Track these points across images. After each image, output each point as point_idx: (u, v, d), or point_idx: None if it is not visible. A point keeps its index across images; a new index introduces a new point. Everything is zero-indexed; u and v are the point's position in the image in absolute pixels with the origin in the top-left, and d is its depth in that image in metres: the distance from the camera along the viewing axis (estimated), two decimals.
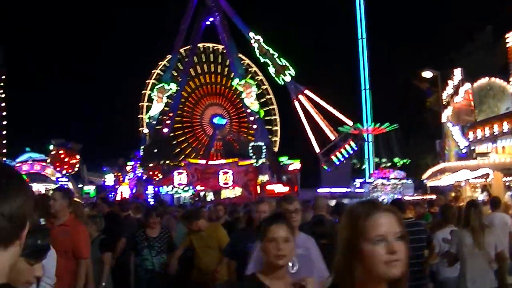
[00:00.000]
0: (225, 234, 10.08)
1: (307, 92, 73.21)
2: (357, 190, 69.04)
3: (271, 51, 73.73)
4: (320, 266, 5.97)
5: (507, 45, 29.89)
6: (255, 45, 74.35)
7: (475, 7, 62.50)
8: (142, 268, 10.37)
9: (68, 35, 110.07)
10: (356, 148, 69.95)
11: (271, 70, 73.91)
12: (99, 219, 11.01)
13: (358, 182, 71.53)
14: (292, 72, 73.15)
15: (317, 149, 72.72)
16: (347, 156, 70.10)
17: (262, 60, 74.44)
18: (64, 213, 7.83)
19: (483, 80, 36.28)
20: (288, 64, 73.17)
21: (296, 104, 73.29)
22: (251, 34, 74.27)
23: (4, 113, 64.09)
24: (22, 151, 63.65)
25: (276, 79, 74.09)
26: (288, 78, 73.59)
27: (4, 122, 63.92)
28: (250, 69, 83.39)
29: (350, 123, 71.58)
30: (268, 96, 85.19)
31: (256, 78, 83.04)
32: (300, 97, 73.17)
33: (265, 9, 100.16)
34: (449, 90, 38.97)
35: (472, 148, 30.72)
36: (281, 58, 73.48)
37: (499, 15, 44.86)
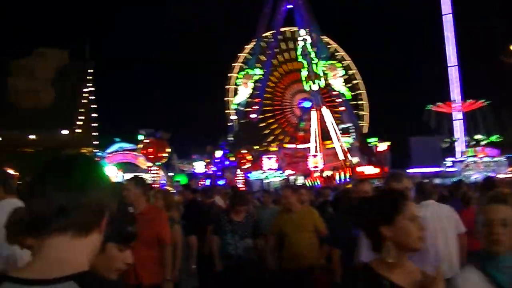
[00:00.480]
0: (320, 218, 9.48)
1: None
2: (449, 169, 67.52)
3: (312, 55, 73.53)
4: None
5: None
6: (301, 43, 73.99)
7: None
8: (224, 252, 9.87)
9: (146, 23, 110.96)
10: None
11: (304, 73, 74.09)
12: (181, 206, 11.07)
13: (449, 161, 70.01)
14: (322, 83, 72.69)
15: None
16: None
17: (300, 59, 74.08)
18: (140, 202, 7.66)
19: None
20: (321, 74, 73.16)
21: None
22: (302, 31, 73.66)
23: (94, 106, 65.45)
24: (112, 142, 64.92)
25: (304, 83, 73.24)
26: (315, 87, 73.75)
27: (94, 115, 65.27)
28: (336, 54, 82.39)
29: None
30: (356, 81, 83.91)
31: (343, 62, 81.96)
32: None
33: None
34: None
35: None
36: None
37: None
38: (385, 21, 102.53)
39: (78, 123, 60.79)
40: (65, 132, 58.06)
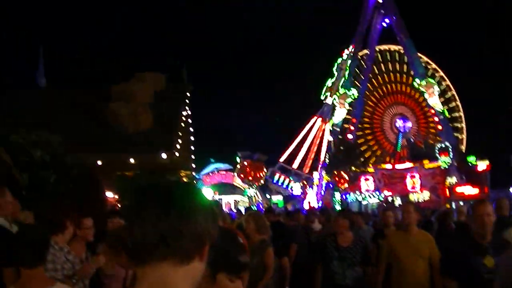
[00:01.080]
0: (436, 245, 8.34)
1: None
2: None
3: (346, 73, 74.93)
4: None
5: None
6: (344, 56, 74.81)
7: None
8: (330, 283, 8.93)
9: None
10: None
11: (329, 82, 75.03)
12: None
13: None
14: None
15: None
16: None
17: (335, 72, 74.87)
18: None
19: None
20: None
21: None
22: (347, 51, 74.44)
23: (191, 129, 66.68)
24: (208, 163, 65.89)
25: (322, 94, 74.47)
26: (329, 100, 75.08)
27: (192, 138, 66.49)
28: (429, 67, 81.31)
29: None
30: (451, 93, 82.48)
31: (436, 75, 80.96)
32: None
33: None
34: None
35: None
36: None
37: None
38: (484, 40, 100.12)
39: (176, 146, 62.08)
40: (164, 155, 59.38)
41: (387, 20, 77.99)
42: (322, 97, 76.76)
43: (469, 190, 61.69)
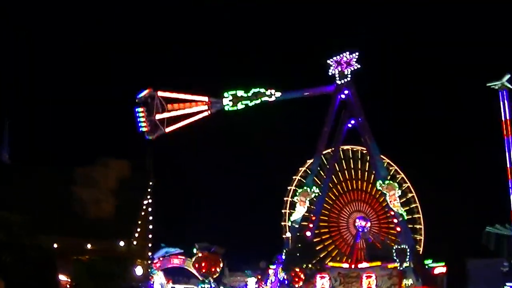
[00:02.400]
0: None
1: None
2: None
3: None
4: None
5: None
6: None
7: None
8: None
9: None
10: None
11: None
12: None
13: (508, 286, 68.32)
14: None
15: None
16: None
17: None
18: None
19: None
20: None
21: None
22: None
23: (151, 218, 66.54)
24: (159, 248, 65.42)
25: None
26: None
27: (150, 227, 66.26)
28: (390, 168, 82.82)
29: None
30: (411, 194, 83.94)
31: (397, 176, 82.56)
32: None
33: None
34: None
35: None
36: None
37: None
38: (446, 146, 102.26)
39: (135, 235, 61.81)
40: (122, 243, 59.02)
41: (352, 122, 79.94)
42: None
43: None
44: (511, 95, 75.40)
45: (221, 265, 65.74)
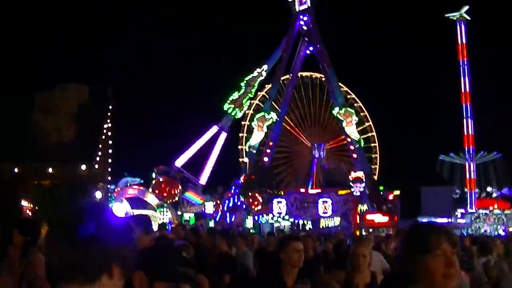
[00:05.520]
0: None
1: None
2: (459, 221, 67.90)
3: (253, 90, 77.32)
4: None
5: None
6: (255, 73, 76.83)
7: None
8: None
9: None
10: None
11: (235, 95, 76.26)
12: None
13: (459, 212, 70.31)
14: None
15: None
16: None
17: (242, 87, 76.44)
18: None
19: None
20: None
21: None
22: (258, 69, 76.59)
23: (110, 142, 66.44)
24: (122, 177, 65.44)
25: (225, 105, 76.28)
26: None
27: (110, 151, 66.22)
28: (348, 96, 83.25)
29: None
30: (368, 123, 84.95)
31: (355, 105, 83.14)
32: None
33: None
34: None
35: None
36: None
37: None
38: (404, 74, 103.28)
39: (96, 158, 61.90)
40: (83, 167, 59.18)
41: (311, 48, 79.82)
42: (226, 109, 77.32)
43: (379, 218, 63.50)
44: (469, 26, 76.91)
45: (180, 188, 65.99)
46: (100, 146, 63.80)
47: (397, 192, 68.73)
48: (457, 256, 3.21)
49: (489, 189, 75.31)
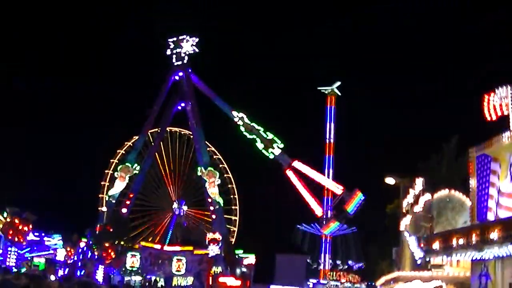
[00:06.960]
0: None
1: (295, 163, 72.74)
2: None
3: (256, 127, 74.00)
4: None
5: (469, 160, 29.58)
6: (240, 122, 74.41)
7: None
8: None
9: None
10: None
11: (259, 145, 73.37)
12: None
13: (311, 282, 71.25)
14: (280, 144, 73.05)
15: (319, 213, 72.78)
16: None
17: (249, 136, 74.11)
18: None
19: (443, 192, 36.47)
20: (275, 138, 73.39)
21: (290, 173, 72.40)
22: (234, 113, 74.51)
23: None
24: None
25: (265, 152, 73.29)
26: (277, 151, 73.17)
27: None
28: (214, 156, 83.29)
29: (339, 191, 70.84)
30: (231, 186, 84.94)
31: (220, 166, 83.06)
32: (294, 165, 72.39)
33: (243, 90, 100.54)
34: (409, 198, 38.93)
35: (427, 259, 30.28)
36: (267, 133, 73.74)
37: (466, 128, 45.79)
38: None
39: None
40: None
41: (182, 104, 79.51)
42: None
43: (232, 281, 62.82)
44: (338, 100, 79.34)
45: (30, 232, 63.21)
46: None
47: (252, 256, 68.74)
48: None
49: (339, 261, 77.06)
